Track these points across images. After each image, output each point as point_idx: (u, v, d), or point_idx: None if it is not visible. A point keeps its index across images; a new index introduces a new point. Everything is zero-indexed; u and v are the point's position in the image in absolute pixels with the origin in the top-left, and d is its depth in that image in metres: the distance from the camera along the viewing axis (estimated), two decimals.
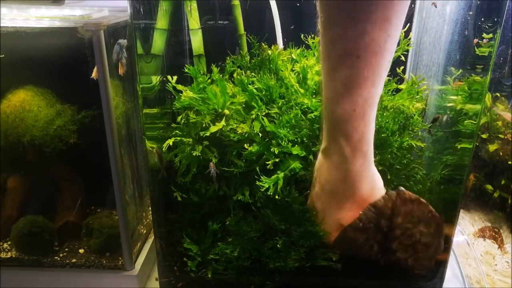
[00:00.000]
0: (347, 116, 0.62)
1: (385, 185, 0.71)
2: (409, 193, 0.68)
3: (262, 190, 0.72)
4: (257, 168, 0.73)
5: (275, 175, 0.73)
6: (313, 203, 0.73)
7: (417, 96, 0.81)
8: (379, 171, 0.71)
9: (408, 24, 0.87)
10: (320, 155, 0.71)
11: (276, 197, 0.72)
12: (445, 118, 0.80)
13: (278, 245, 0.73)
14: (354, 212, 0.69)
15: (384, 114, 0.77)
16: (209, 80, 0.78)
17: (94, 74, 0.79)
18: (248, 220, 0.75)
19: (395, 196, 0.68)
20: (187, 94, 0.76)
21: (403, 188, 0.68)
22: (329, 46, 0.61)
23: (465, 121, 0.76)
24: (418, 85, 0.81)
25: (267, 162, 0.73)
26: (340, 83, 0.61)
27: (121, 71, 0.83)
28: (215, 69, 0.79)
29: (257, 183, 0.72)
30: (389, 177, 0.76)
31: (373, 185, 0.69)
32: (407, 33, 0.80)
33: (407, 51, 0.84)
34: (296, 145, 0.74)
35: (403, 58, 0.82)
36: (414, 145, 0.78)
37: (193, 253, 0.77)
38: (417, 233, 0.71)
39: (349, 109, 0.62)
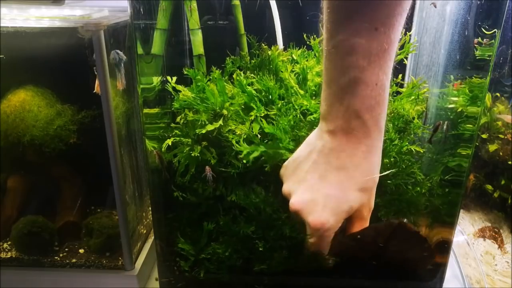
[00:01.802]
0: (369, 90, 0.62)
1: (384, 188, 0.71)
2: (410, 226, 0.69)
3: (232, 154, 0.72)
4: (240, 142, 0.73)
5: (255, 146, 0.72)
6: (312, 192, 0.70)
7: (418, 99, 0.80)
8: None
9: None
10: (328, 137, 0.68)
11: (245, 162, 0.72)
12: (445, 125, 0.80)
13: (260, 248, 0.73)
14: (361, 191, 0.67)
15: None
16: (209, 82, 0.78)
17: (96, 89, 0.79)
18: (238, 220, 0.74)
19: (396, 225, 0.69)
20: (186, 93, 0.76)
21: (406, 220, 0.69)
22: (345, 21, 0.61)
23: (465, 124, 0.76)
24: (419, 87, 0.81)
25: (265, 164, 0.73)
26: (361, 57, 0.61)
27: (119, 85, 0.83)
28: (215, 71, 0.79)
29: (234, 147, 0.72)
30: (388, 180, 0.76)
31: (379, 165, 0.68)
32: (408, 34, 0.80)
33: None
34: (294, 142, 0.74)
35: (405, 61, 0.82)
36: (413, 150, 0.78)
37: (186, 252, 0.77)
38: (408, 257, 0.73)
39: (371, 83, 0.62)
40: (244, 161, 0.72)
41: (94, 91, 0.80)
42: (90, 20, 0.78)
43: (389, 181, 0.76)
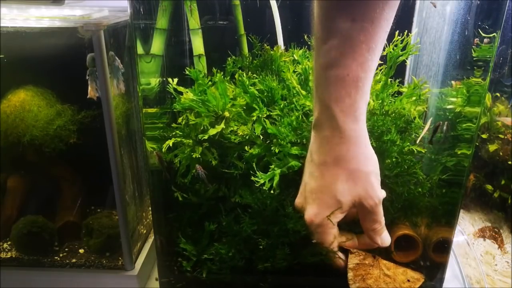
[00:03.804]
0: (340, 81, 0.62)
1: (385, 191, 0.71)
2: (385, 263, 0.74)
3: (257, 185, 0.71)
4: (255, 166, 0.74)
5: (271, 171, 0.72)
6: (305, 191, 0.71)
7: (419, 100, 0.80)
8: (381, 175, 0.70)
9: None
10: (312, 133, 0.69)
11: (271, 192, 0.71)
12: (445, 126, 0.80)
13: (260, 246, 0.73)
14: (349, 183, 0.66)
15: (385, 119, 0.76)
16: (210, 83, 0.78)
17: (90, 94, 0.79)
18: (240, 220, 0.74)
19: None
20: (188, 96, 0.76)
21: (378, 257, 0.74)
22: (324, 10, 0.61)
23: (464, 125, 0.76)
24: (420, 88, 0.81)
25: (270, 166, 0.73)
26: (334, 47, 0.61)
27: (116, 90, 0.83)
28: (217, 73, 0.78)
29: (252, 178, 0.72)
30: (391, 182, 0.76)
31: (366, 154, 0.67)
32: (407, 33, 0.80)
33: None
34: (296, 146, 0.74)
35: (407, 61, 0.82)
36: (415, 150, 0.78)
37: (188, 253, 0.77)
38: None
39: (342, 73, 0.61)
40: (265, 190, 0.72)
41: (88, 96, 0.80)
42: (90, 20, 0.78)
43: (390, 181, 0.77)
